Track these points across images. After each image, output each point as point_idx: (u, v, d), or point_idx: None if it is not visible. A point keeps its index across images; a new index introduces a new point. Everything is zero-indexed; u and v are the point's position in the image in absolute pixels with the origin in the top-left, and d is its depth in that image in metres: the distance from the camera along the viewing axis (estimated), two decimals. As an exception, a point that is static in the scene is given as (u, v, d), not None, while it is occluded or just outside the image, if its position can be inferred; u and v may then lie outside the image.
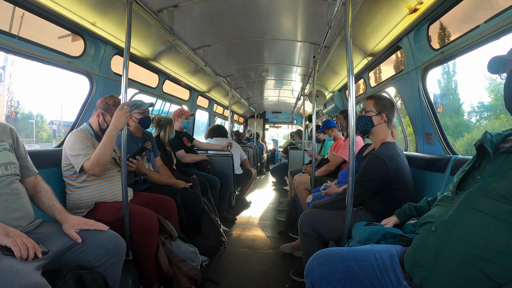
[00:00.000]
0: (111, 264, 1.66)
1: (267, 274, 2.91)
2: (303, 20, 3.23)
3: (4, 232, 1.34)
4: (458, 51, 2.15)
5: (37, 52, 2.36)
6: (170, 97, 4.98)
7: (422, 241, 1.25)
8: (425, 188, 2.30)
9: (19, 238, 1.35)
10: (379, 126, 2.22)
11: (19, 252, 1.30)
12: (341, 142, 4.09)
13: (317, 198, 2.91)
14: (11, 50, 2.18)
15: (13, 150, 1.68)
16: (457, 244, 1.11)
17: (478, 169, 1.25)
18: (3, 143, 1.63)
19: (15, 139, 1.72)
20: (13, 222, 1.48)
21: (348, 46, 1.84)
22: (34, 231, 1.57)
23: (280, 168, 7.59)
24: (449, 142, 2.49)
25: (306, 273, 1.41)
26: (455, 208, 1.18)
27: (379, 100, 2.24)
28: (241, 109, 10.67)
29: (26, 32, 2.24)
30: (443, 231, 1.16)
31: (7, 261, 1.25)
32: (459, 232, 1.12)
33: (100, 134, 2.35)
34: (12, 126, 1.76)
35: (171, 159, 3.80)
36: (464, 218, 1.13)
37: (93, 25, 2.62)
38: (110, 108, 2.36)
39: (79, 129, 2.34)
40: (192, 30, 3.33)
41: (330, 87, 5.85)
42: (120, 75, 3.08)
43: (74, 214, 2.05)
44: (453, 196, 1.26)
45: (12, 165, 1.62)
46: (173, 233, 2.35)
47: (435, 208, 1.34)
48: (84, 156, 2.10)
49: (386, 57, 3.37)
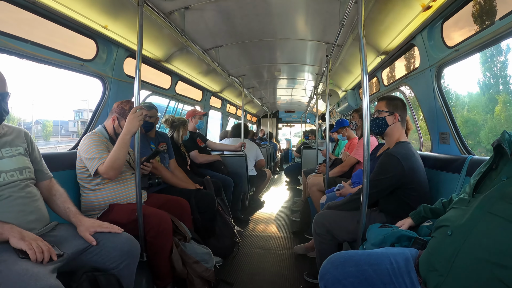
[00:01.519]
0: (125, 266, 1.68)
1: (280, 276, 2.90)
2: (315, 19, 3.21)
3: (20, 236, 1.37)
4: (473, 48, 2.10)
5: (49, 56, 2.38)
6: (183, 98, 5.01)
7: (438, 245, 1.23)
8: (440, 189, 2.26)
9: (34, 241, 1.38)
10: (393, 126, 2.22)
11: (34, 255, 1.33)
12: (355, 142, 4.04)
13: (331, 199, 2.89)
14: (24, 55, 2.21)
15: (27, 155, 1.72)
16: (472, 250, 1.08)
17: (495, 170, 1.21)
18: (18, 148, 1.67)
19: (30, 143, 1.76)
20: (28, 225, 1.52)
21: (362, 46, 1.82)
22: (49, 233, 1.61)
23: (293, 167, 7.55)
24: (464, 142, 2.43)
25: (321, 276, 1.41)
26: (471, 212, 1.15)
27: (391, 100, 2.25)
28: (254, 109, 10.67)
29: (38, 37, 2.27)
30: (459, 236, 1.14)
31: (23, 264, 1.28)
32: (475, 237, 1.09)
33: (115, 138, 2.38)
34: (27, 131, 1.80)
35: (185, 160, 3.82)
36: (480, 223, 1.10)
37: (105, 28, 2.65)
38: (126, 113, 2.37)
39: (93, 132, 2.37)
40: (204, 31, 3.34)
41: (343, 86, 5.80)
42: (133, 77, 3.12)
43: (89, 216, 2.10)
44: (470, 198, 1.23)
45: (27, 169, 1.65)
46: (187, 234, 2.37)
47: (451, 211, 1.31)
48: (99, 160, 2.13)
49: (400, 55, 3.32)
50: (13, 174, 1.57)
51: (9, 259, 1.30)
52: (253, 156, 5.40)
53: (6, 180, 1.52)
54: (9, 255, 1.33)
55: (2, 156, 1.57)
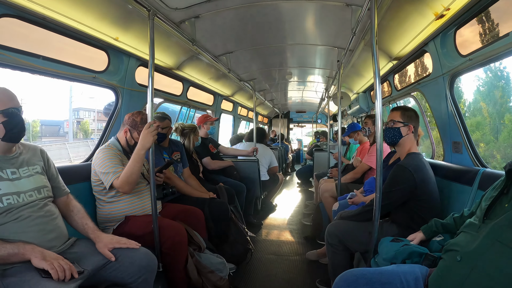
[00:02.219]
0: (143, 280, 1.73)
1: (293, 283, 2.92)
2: (326, 26, 3.22)
3: (41, 256, 1.42)
4: (487, 59, 2.07)
5: (62, 70, 2.41)
6: (194, 103, 5.06)
7: (447, 269, 1.25)
8: (451, 200, 2.26)
9: (55, 260, 1.43)
10: (406, 137, 2.21)
11: (56, 274, 1.38)
12: (366, 146, 4.01)
13: (343, 206, 2.89)
14: (36, 71, 2.25)
15: (44, 173, 1.77)
16: (480, 278, 1.09)
17: (507, 196, 1.21)
18: (35, 167, 1.72)
19: (46, 161, 1.81)
20: (48, 244, 1.57)
21: (374, 52, 1.82)
22: (69, 250, 1.66)
23: (305, 170, 7.55)
24: (477, 153, 2.40)
25: None
26: (480, 239, 1.16)
27: (405, 111, 2.24)
28: (265, 110, 10.68)
29: (50, 51, 2.30)
30: (467, 263, 1.15)
31: (46, 284, 1.34)
32: (483, 265, 1.10)
33: (128, 149, 2.42)
34: (42, 148, 1.85)
35: (198, 167, 3.85)
36: (488, 251, 1.11)
37: (115, 40, 2.68)
38: (138, 125, 2.40)
39: (106, 144, 2.40)
40: (215, 39, 3.37)
41: (355, 89, 5.76)
42: (145, 86, 3.16)
43: (105, 228, 2.17)
44: (480, 224, 1.23)
45: (45, 188, 1.71)
46: (202, 244, 2.40)
47: (461, 235, 1.32)
48: (114, 174, 2.17)
49: (412, 61, 3.29)
50: (32, 194, 1.62)
51: (32, 279, 1.36)
52: (267, 161, 5.39)
53: (25, 200, 1.57)
54: (32, 275, 1.38)
55: (20, 176, 1.62)
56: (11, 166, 1.61)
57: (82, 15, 2.25)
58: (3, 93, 1.55)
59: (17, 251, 1.41)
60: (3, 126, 1.52)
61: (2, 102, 1.52)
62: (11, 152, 1.65)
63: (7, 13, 1.92)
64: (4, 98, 1.53)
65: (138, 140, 2.25)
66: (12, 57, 2.01)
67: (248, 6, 2.69)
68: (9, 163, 1.61)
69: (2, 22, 1.91)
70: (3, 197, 1.50)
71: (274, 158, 5.57)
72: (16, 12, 1.96)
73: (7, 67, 2.05)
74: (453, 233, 1.55)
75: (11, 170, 1.60)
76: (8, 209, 1.50)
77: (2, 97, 1.53)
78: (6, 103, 1.53)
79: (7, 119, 1.52)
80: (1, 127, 1.52)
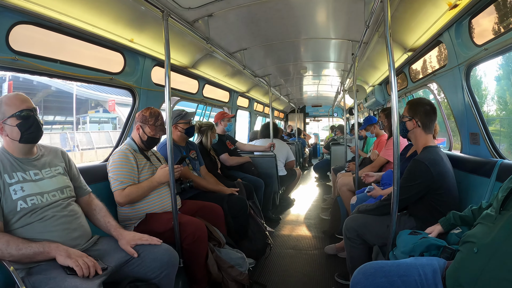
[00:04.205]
0: (165, 276, 1.79)
1: (312, 277, 2.94)
2: (339, 19, 3.20)
3: (66, 254, 1.49)
4: (503, 48, 2.01)
5: (79, 73, 2.46)
6: (210, 101, 5.10)
7: (464, 261, 1.24)
8: (469, 192, 2.22)
9: (80, 258, 1.50)
10: (413, 131, 2.21)
11: (81, 271, 1.45)
12: (383, 139, 3.97)
13: (361, 199, 2.88)
14: (54, 75, 2.32)
15: (66, 173, 1.84)
16: (497, 270, 1.09)
17: None
18: (57, 168, 1.79)
19: (67, 161, 1.89)
20: (73, 242, 1.64)
21: (389, 44, 1.80)
22: (92, 248, 1.73)
23: (322, 164, 7.52)
24: (495, 145, 2.35)
25: (352, 285, 1.46)
26: (497, 231, 1.16)
27: (411, 105, 2.22)
28: (280, 105, 10.66)
29: (67, 55, 2.36)
30: (484, 254, 1.15)
31: (72, 281, 1.40)
32: (500, 257, 1.10)
33: (143, 146, 2.49)
34: (63, 149, 1.92)
35: (216, 164, 3.89)
36: (505, 243, 1.11)
37: (131, 41, 2.73)
38: (148, 119, 2.45)
39: (123, 145, 2.46)
40: (229, 36, 3.40)
41: (370, 81, 5.69)
42: (161, 85, 3.22)
43: (126, 226, 2.24)
44: (496, 215, 1.22)
45: (68, 188, 1.78)
46: (221, 240, 2.46)
47: (478, 226, 1.31)
48: (120, 184, 2.24)
49: (427, 52, 3.23)
50: (55, 194, 1.69)
51: (58, 276, 1.43)
52: (284, 156, 5.40)
53: (48, 200, 1.64)
54: (58, 272, 1.46)
55: (42, 177, 1.69)
56: (34, 168, 1.67)
57: (97, 19, 2.31)
58: (15, 97, 1.61)
59: (42, 249, 1.48)
60: (18, 129, 1.58)
61: (15, 106, 1.58)
62: (32, 154, 1.71)
63: (24, 20, 1.99)
64: (16, 102, 1.59)
65: (150, 134, 2.39)
66: (31, 63, 2.08)
67: (261, 3, 2.69)
68: (31, 164, 1.67)
69: (20, 29, 1.98)
70: (27, 198, 1.56)
71: (291, 153, 5.57)
72: (33, 19, 2.03)
73: (26, 72, 2.14)
74: (471, 226, 1.54)
75: (34, 172, 1.66)
76: (32, 210, 1.56)
77: (14, 101, 1.59)
78: (18, 106, 1.58)
79: (20, 121, 1.58)
80: (16, 129, 1.58)
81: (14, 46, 1.95)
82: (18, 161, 1.63)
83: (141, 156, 2.44)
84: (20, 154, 1.65)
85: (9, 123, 1.58)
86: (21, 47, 2.01)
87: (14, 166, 1.60)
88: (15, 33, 1.95)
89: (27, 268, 1.50)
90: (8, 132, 1.59)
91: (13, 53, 1.95)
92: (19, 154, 1.65)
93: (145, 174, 2.37)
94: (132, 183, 2.27)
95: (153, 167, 2.47)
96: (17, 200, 1.53)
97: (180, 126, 3.04)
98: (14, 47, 1.95)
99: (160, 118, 2.48)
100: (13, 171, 1.58)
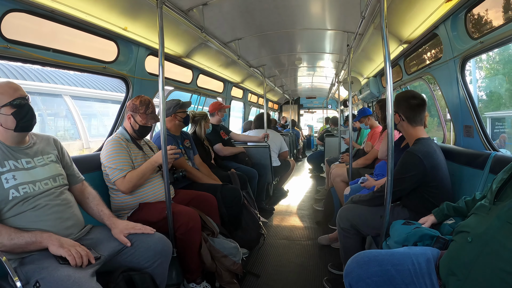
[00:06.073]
0: (158, 265, 1.79)
1: (305, 267, 2.97)
2: (335, 10, 3.19)
3: (59, 243, 1.48)
4: (498, 41, 2.01)
5: (72, 62, 2.43)
6: (205, 91, 5.07)
7: (458, 250, 1.26)
8: (462, 184, 2.24)
9: (73, 247, 1.49)
10: (400, 125, 2.22)
11: (74, 260, 1.44)
12: (377, 131, 3.99)
13: (355, 190, 2.90)
14: (47, 63, 2.28)
15: (59, 161, 1.81)
16: (490, 259, 1.11)
17: None
18: (49, 156, 1.76)
19: (60, 149, 1.86)
20: (66, 231, 1.63)
21: (384, 36, 1.79)
22: (85, 237, 1.72)
23: (316, 155, 7.55)
24: (489, 137, 2.36)
25: (345, 274, 1.47)
26: (491, 221, 1.17)
27: (395, 100, 2.20)
28: (275, 96, 10.64)
29: (59, 44, 2.32)
30: (478, 244, 1.16)
31: (64, 270, 1.39)
32: (493, 246, 1.11)
33: (135, 135, 2.46)
34: (55, 137, 1.89)
35: (209, 154, 3.88)
36: (499, 232, 1.12)
37: (124, 30, 2.69)
38: (138, 108, 2.42)
39: (115, 134, 2.43)
40: (223, 25, 3.36)
41: (365, 73, 5.69)
42: (155, 75, 3.18)
43: (119, 215, 2.22)
44: (490, 206, 1.24)
45: (60, 176, 1.75)
46: (215, 229, 2.46)
47: (472, 217, 1.33)
48: (120, 172, 2.23)
49: (423, 45, 3.23)
50: (47, 182, 1.66)
51: (50, 266, 1.42)
52: (277, 147, 5.40)
53: (41, 189, 1.62)
54: (50, 262, 1.44)
55: (35, 165, 1.66)
56: (26, 156, 1.65)
57: (91, 6, 2.27)
58: (8, 86, 1.58)
59: (34, 239, 1.46)
60: (13, 117, 1.55)
61: (8, 94, 1.55)
62: (24, 142, 1.68)
63: (16, 8, 1.95)
64: (9, 90, 1.56)
65: (141, 123, 2.37)
66: (24, 51, 2.04)
67: (256, -8, 2.67)
68: (23, 153, 1.65)
69: (12, 17, 1.93)
70: (19, 186, 1.54)
71: (284, 143, 5.57)
72: (25, 7, 1.99)
73: (18, 60, 2.12)
74: (465, 217, 1.56)
75: (26, 160, 1.63)
76: (24, 198, 1.54)
77: (7, 89, 1.56)
78: (12, 94, 1.55)
79: (15, 109, 1.55)
80: (11, 118, 1.55)
81: (6, 34, 1.92)
82: (10, 149, 1.60)
83: (133, 145, 2.42)
84: (13, 143, 1.63)
85: (3, 112, 1.54)
86: (14, 35, 1.97)
87: (5, 155, 1.57)
88: (7, 21, 1.91)
89: (20, 258, 1.48)
90: (2, 121, 1.56)
91: (5, 41, 1.91)
92: (12, 143, 1.62)
93: (138, 164, 2.34)
94: (131, 169, 2.27)
95: (146, 156, 2.45)
96: (9, 188, 1.51)
97: (179, 115, 3.02)
98: (6, 35, 1.91)
99: (151, 106, 2.45)
100: (5, 160, 1.56)
